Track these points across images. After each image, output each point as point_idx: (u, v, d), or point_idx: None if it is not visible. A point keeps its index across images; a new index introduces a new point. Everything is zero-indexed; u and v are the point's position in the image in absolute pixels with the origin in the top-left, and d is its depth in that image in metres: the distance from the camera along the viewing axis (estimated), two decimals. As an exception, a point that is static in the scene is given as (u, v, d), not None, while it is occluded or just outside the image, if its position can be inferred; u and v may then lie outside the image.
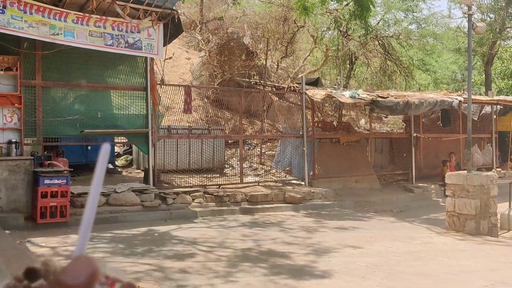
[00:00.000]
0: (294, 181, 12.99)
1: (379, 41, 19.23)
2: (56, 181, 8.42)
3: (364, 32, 17.93)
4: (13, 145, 8.76)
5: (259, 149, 15.05)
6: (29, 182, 8.62)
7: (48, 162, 9.04)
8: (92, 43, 9.09)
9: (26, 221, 8.36)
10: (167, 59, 12.84)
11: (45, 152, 9.65)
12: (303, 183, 12.76)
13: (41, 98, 9.44)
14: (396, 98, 12.69)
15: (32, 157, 8.90)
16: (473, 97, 12.13)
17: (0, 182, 8.45)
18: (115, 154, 13.75)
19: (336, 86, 16.67)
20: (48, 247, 7.15)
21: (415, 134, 14.94)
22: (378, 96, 12.66)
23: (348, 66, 20.19)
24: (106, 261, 6.47)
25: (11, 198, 8.53)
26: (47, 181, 8.34)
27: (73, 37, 8.81)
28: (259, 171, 13.73)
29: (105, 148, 0.56)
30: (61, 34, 8.67)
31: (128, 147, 14.41)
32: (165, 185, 10.84)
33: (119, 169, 13.42)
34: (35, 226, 8.29)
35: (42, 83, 9.47)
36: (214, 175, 12.17)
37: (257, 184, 12.16)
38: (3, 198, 8.46)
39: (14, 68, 8.84)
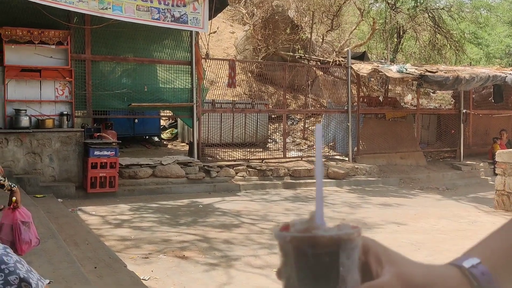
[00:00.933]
0: (337, 157, 12.90)
1: (429, 14, 18.52)
2: (105, 153, 8.70)
3: (413, 4, 17.32)
4: (65, 117, 9.08)
5: (302, 124, 14.98)
6: (80, 153, 8.95)
7: (98, 134, 9.34)
8: (139, 17, 9.21)
9: (77, 190, 8.71)
10: (211, 33, 12.88)
11: (95, 125, 9.97)
12: (346, 158, 12.65)
13: (91, 72, 9.70)
14: (445, 73, 12.28)
15: (83, 129, 9.22)
16: (528, 72, 11.57)
17: (53, 152, 8.82)
18: (161, 127, 14.02)
19: (383, 61, 16.25)
20: (98, 216, 7.44)
21: (464, 110, 14.46)
22: (427, 70, 12.28)
23: (395, 39, 19.60)
24: (154, 230, 6.69)
25: (63, 168, 8.89)
26: (97, 153, 8.63)
27: (121, 11, 8.95)
28: (302, 146, 13.70)
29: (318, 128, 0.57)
30: (110, 8, 8.83)
31: (173, 121, 14.66)
32: (209, 158, 11.01)
33: (164, 142, 13.71)
34: (85, 195, 8.63)
35: (91, 57, 9.71)
36: (257, 150, 12.24)
37: (300, 159, 12.16)
38: (56, 168, 8.84)
39: (65, 43, 9.09)
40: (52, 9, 8.50)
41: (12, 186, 4.06)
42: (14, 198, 4.01)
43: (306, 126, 14.91)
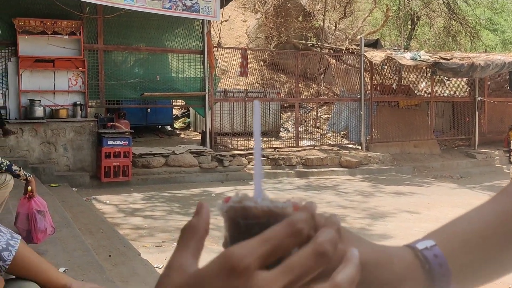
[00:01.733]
0: (350, 145, 12.85)
1: (444, 0, 18.26)
2: (118, 142, 8.76)
3: (427, -10, 17.07)
4: (78, 107, 9.15)
5: (315, 113, 14.92)
6: (94, 142, 9.03)
7: (111, 123, 9.40)
8: (151, 6, 9.20)
9: (91, 179, 8.80)
10: (223, 21, 12.84)
11: (108, 114, 10.03)
12: (359, 147, 12.60)
13: (103, 62, 9.74)
14: (460, 60, 12.13)
15: (96, 119, 9.28)
16: (545, 58, 11.37)
17: (67, 142, 8.91)
18: (173, 116, 14.07)
19: (396, 48, 16.09)
20: (112, 204, 7.52)
21: (479, 98, 14.29)
22: (441, 58, 12.14)
23: (409, 26, 19.37)
24: (167, 218, 6.75)
25: (77, 157, 8.98)
26: (110, 142, 8.70)
27: (133, 0, 8.95)
28: (314, 134, 13.66)
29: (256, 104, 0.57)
30: (121, -2, 8.83)
31: (185, 110, 14.70)
32: (221, 147, 11.03)
33: (177, 131, 13.76)
34: (99, 185, 8.72)
35: (104, 47, 9.74)
36: (269, 138, 12.23)
37: (312, 147, 12.13)
38: (70, 157, 8.93)
39: (78, 33, 9.13)
40: (65, -1, 8.54)
41: (28, 175, 4.11)
42: (29, 188, 4.07)
43: (319, 114, 14.85)
